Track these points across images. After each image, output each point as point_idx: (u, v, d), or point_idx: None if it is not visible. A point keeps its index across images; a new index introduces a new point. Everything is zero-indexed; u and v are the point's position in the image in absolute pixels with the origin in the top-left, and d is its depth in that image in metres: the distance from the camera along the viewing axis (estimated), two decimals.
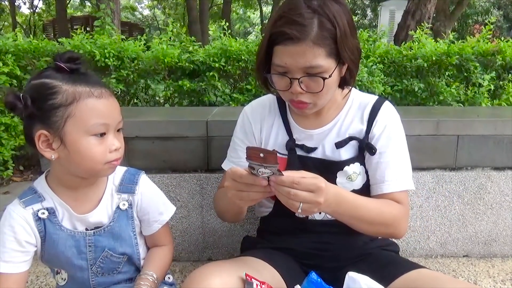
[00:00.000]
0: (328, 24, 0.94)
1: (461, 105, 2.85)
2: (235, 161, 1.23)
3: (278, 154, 1.16)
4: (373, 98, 1.16)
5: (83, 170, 0.93)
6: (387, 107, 1.14)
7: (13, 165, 2.61)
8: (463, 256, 1.80)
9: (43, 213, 0.96)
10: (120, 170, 1.06)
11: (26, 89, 0.89)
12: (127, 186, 1.05)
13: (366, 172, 1.13)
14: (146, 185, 1.08)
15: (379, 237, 1.21)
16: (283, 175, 0.84)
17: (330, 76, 0.97)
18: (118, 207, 1.03)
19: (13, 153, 2.53)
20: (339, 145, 1.11)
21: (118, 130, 0.95)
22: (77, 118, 0.87)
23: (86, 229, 1.01)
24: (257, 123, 1.21)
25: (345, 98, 1.16)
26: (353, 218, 1.01)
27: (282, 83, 1.02)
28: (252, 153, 0.81)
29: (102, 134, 0.91)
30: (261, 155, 0.80)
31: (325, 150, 1.13)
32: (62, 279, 1.06)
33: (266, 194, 0.89)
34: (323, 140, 1.14)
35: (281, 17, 0.97)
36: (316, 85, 0.98)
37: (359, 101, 1.16)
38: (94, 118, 0.89)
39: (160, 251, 1.12)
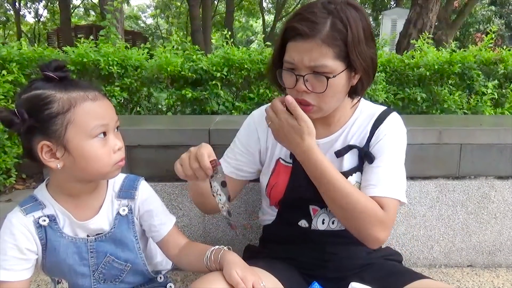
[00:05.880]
0: (340, 26, 0.94)
1: (466, 111, 2.85)
2: (230, 162, 1.22)
3: (283, 163, 1.16)
4: (380, 108, 1.15)
5: (90, 174, 0.93)
6: (393, 118, 1.12)
7: (16, 173, 2.62)
8: (467, 266, 1.78)
9: (44, 220, 0.96)
10: (120, 177, 1.06)
11: (19, 104, 0.88)
12: (127, 192, 1.05)
13: None
14: (146, 190, 1.08)
15: (383, 247, 1.20)
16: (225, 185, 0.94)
17: (334, 76, 0.96)
18: (118, 213, 1.03)
19: (16, 161, 2.53)
20: (339, 154, 1.10)
21: (116, 130, 0.96)
22: (77, 123, 0.88)
23: (88, 236, 1.00)
24: (263, 130, 1.19)
25: (353, 108, 1.15)
26: (321, 185, 1.03)
27: (289, 80, 1.02)
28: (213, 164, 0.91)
29: (104, 134, 0.91)
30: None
31: (330, 160, 1.12)
32: None
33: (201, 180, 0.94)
34: (329, 150, 1.12)
35: (296, 15, 0.99)
36: (320, 85, 0.97)
37: (367, 111, 1.14)
38: (94, 121, 0.89)
39: (189, 242, 1.11)
